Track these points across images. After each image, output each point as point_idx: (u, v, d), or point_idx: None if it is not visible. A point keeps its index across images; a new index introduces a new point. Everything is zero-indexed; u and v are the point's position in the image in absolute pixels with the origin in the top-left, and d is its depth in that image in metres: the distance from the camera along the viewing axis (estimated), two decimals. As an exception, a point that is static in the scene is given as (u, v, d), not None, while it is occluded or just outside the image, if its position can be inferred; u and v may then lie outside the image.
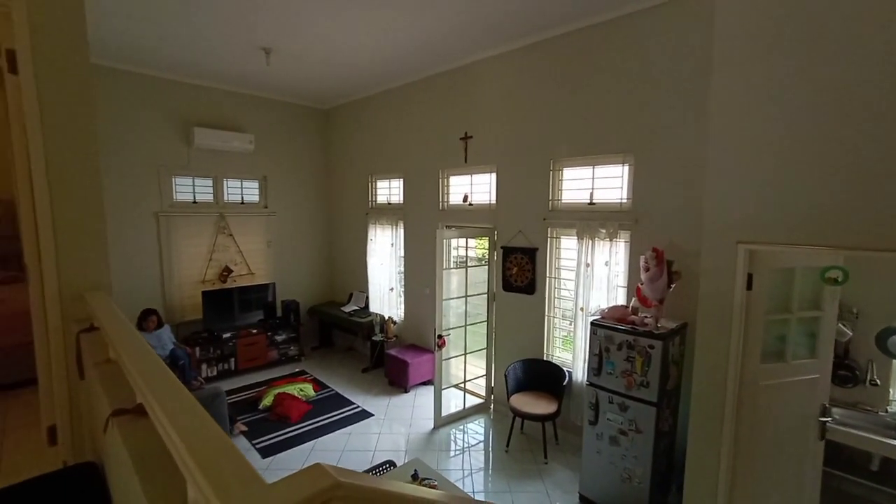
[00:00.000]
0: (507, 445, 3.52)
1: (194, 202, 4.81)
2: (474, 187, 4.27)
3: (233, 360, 4.79)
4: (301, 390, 4.32)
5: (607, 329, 2.73)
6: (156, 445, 0.97)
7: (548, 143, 3.52)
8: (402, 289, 5.09)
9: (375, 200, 5.47)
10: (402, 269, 5.06)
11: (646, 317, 2.69)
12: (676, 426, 2.82)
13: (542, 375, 3.57)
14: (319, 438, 3.64)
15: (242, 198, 5.21)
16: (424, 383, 4.63)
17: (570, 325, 3.49)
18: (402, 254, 5.02)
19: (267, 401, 4.07)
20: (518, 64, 3.66)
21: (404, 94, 4.78)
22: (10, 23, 1.82)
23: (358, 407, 4.22)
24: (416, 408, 4.23)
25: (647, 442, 2.57)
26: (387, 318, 5.11)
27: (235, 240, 5.07)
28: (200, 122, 4.71)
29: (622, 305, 2.94)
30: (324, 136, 5.96)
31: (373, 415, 4.08)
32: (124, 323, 1.47)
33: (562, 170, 3.55)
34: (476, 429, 3.89)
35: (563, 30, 3.31)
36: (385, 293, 5.18)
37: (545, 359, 3.69)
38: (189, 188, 4.78)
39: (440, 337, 3.81)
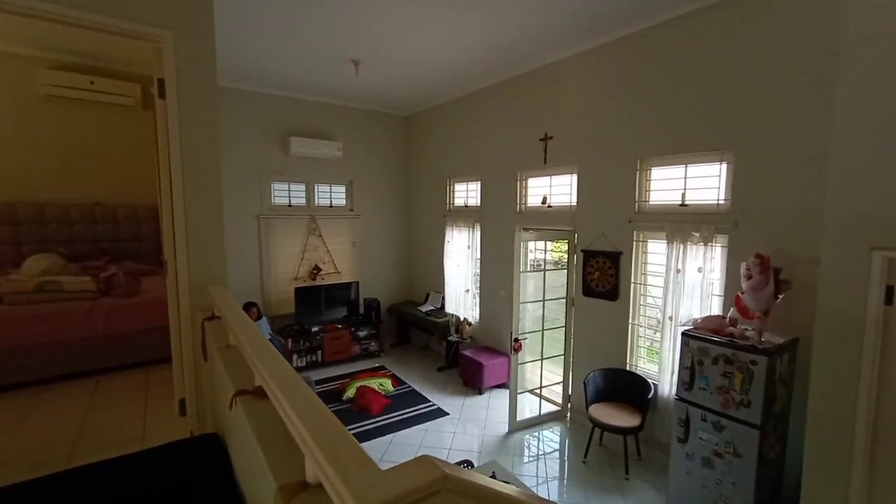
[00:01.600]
0: (585, 456, 3.40)
1: (289, 206, 5.28)
2: (553, 189, 4.19)
3: (320, 352, 5.17)
4: (381, 385, 4.54)
5: (701, 341, 2.53)
6: (275, 424, 1.09)
7: (634, 141, 3.35)
8: (478, 291, 5.13)
9: (453, 203, 5.58)
10: (478, 271, 5.10)
11: (746, 329, 2.45)
12: (785, 454, 2.53)
13: (625, 386, 3.40)
14: (398, 432, 3.80)
15: (331, 201, 5.61)
16: (499, 386, 4.63)
17: (657, 334, 3.28)
18: (479, 256, 5.07)
19: (350, 392, 4.34)
20: (604, 59, 3.53)
21: (483, 98, 4.83)
22: (160, 57, 2.16)
23: (433, 405, 4.33)
24: (490, 410, 4.24)
25: (748, 468, 2.33)
26: (462, 319, 5.19)
27: (324, 240, 5.48)
28: (296, 132, 5.15)
29: (718, 315, 2.70)
30: (405, 141, 6.21)
31: (448, 413, 4.17)
32: (242, 313, 1.67)
33: (650, 169, 3.35)
34: (552, 436, 3.81)
35: (658, 20, 3.12)
36: (461, 294, 5.27)
37: (628, 369, 3.51)
38: (285, 193, 5.25)
39: (516, 340, 3.79)
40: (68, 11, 1.99)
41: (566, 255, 3.98)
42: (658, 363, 3.22)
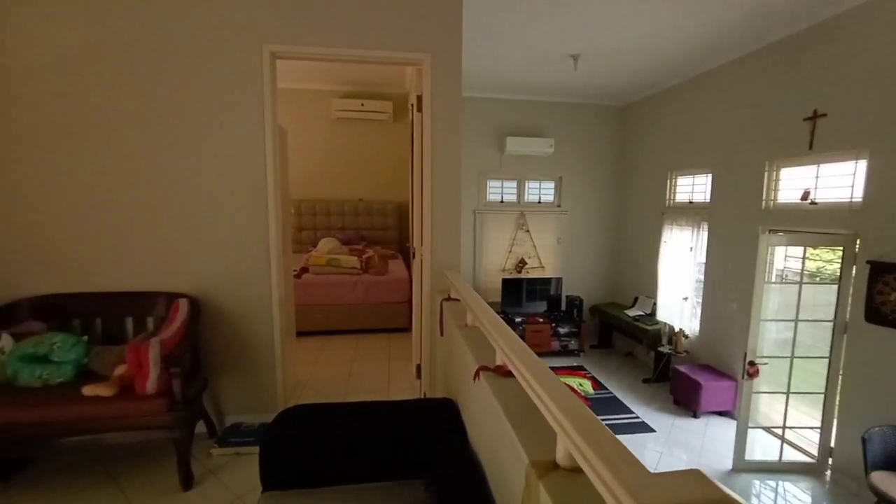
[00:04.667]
0: (857, 531, 2.63)
1: (501, 202, 5.66)
2: (820, 181, 3.29)
3: (521, 341, 5.42)
4: (580, 385, 4.47)
5: None
6: (520, 401, 1.23)
7: None
8: (699, 299, 4.48)
9: (674, 199, 5.00)
10: (701, 277, 4.45)
11: None
12: None
13: (936, 455, 2.47)
14: (598, 436, 3.68)
15: (540, 197, 5.77)
16: (720, 413, 3.98)
17: None
18: (703, 259, 4.41)
19: (549, 385, 4.41)
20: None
21: (718, 78, 4.14)
22: (419, 77, 2.62)
23: (637, 418, 4.03)
24: (707, 438, 3.69)
25: None
26: (677, 329, 4.63)
27: (531, 235, 5.68)
28: (511, 132, 5.47)
29: None
30: (618, 133, 5.86)
31: (654, 430, 3.82)
32: (479, 298, 1.91)
33: None
34: (798, 493, 3.07)
35: None
36: (677, 301, 4.70)
37: (943, 432, 2.53)
38: (498, 189, 5.65)
39: (752, 364, 3.18)
40: (364, 53, 2.61)
41: (835, 266, 3.10)
42: None
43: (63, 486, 2.27)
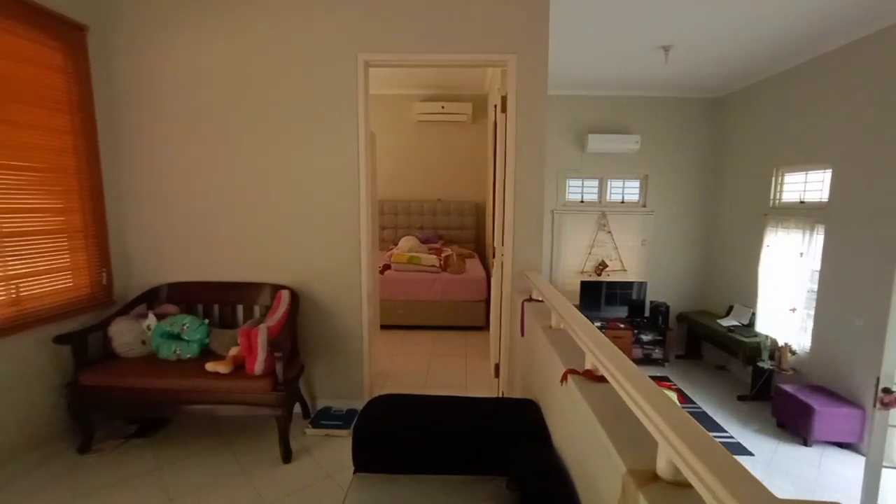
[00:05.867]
0: None
1: (581, 202, 5.48)
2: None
3: (599, 346, 5.21)
4: (666, 396, 4.19)
5: None
6: (614, 407, 1.20)
7: None
8: (811, 312, 3.98)
9: (780, 198, 4.48)
10: (814, 286, 3.95)
11: None
12: None
13: None
14: (686, 453, 3.43)
15: (623, 197, 5.49)
16: (840, 445, 3.50)
17: None
18: (819, 267, 3.91)
19: (631, 395, 4.19)
20: None
21: (839, 59, 3.63)
22: (503, 76, 2.63)
23: (731, 437, 3.68)
24: (822, 472, 3.27)
25: None
26: (782, 343, 4.16)
27: (613, 237, 5.43)
28: (593, 129, 5.27)
29: None
30: (711, 128, 5.39)
31: (752, 454, 3.46)
32: (566, 301, 1.88)
33: None
34: (942, 542, 2.61)
35: None
36: (781, 313, 4.22)
37: None
38: (578, 189, 5.48)
39: (887, 392, 2.74)
40: (450, 57, 2.68)
41: None
42: None
43: (190, 445, 2.64)
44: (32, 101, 2.35)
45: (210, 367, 2.42)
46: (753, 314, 4.58)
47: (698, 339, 5.41)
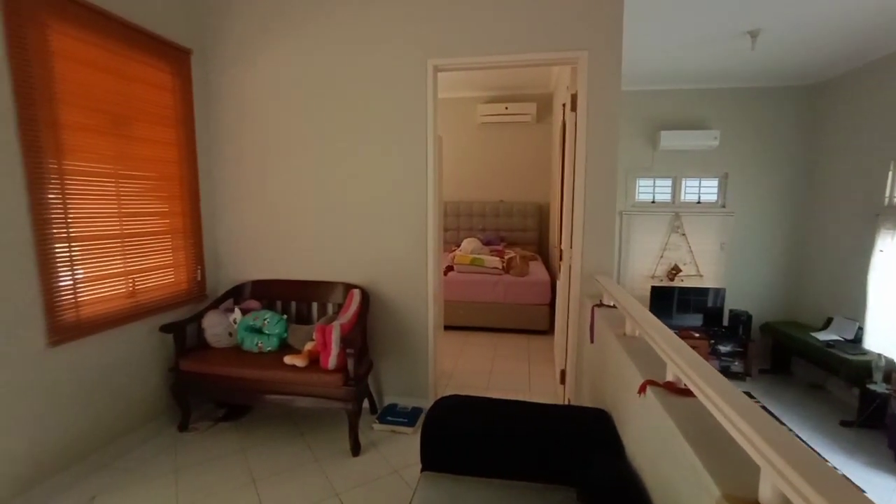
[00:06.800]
0: None
1: (653, 202, 5.18)
2: None
3: (671, 356, 4.89)
4: (750, 414, 3.83)
5: None
6: (703, 424, 1.12)
7: None
8: (935, 328, 3.45)
9: (894, 197, 3.94)
10: (939, 299, 3.42)
11: None
12: None
13: None
14: (775, 478, 3.12)
15: (699, 197, 5.12)
16: (973, 482, 3.00)
17: None
18: (944, 277, 3.38)
19: (708, 410, 3.89)
20: None
21: None
22: (575, 74, 2.56)
23: (835, 469, 3.27)
24: (948, 511, 2.83)
25: None
26: (896, 363, 3.65)
27: (688, 239, 5.08)
28: (666, 126, 4.96)
29: None
30: (805, 118, 4.85)
31: (862, 490, 3.06)
32: (643, 308, 1.79)
33: None
34: None
35: None
36: (896, 328, 3.70)
37: None
38: (649, 189, 5.19)
39: None
40: (518, 57, 2.66)
41: None
42: None
43: (270, 431, 2.84)
44: (149, 119, 2.70)
45: (288, 360, 2.59)
46: (861, 328, 4.06)
47: (787, 353, 4.89)
